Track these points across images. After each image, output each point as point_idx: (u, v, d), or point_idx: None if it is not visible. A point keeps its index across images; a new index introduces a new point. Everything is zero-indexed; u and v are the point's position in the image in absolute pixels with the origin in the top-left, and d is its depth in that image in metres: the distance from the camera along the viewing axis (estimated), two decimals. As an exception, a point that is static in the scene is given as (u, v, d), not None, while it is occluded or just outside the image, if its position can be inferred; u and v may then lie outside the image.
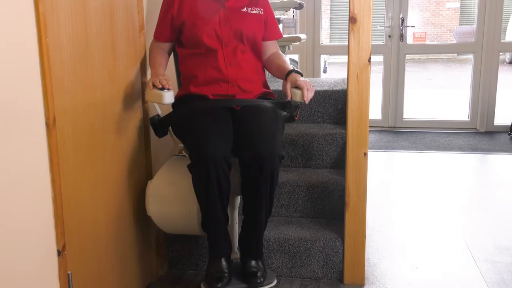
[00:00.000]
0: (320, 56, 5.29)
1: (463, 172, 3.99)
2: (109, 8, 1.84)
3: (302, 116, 2.84)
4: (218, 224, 1.93)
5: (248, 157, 1.85)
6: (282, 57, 2.17)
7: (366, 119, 2.14)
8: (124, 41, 1.98)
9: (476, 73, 5.07)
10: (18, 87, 1.33)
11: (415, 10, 13.95)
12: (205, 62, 2.01)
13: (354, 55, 2.13)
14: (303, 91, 1.91)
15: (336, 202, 2.44)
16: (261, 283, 1.95)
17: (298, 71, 2.02)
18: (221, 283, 1.92)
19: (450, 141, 4.77)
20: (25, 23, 1.36)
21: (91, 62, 1.72)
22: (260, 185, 1.87)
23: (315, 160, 2.66)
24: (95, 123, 1.76)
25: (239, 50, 2.03)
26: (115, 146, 1.93)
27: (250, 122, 1.93)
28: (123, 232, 2.02)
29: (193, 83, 2.03)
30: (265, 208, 1.93)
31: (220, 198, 1.87)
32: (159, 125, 2.01)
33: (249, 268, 1.98)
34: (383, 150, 4.54)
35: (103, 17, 1.80)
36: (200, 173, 1.83)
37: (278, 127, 1.96)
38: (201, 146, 1.81)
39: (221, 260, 1.98)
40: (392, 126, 5.32)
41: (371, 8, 2.09)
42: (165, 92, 1.89)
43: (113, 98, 1.90)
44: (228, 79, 2.00)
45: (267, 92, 2.13)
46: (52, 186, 1.48)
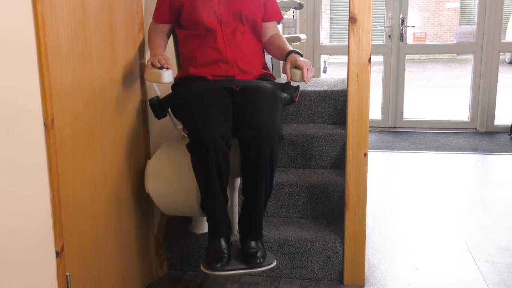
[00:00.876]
0: (320, 56, 5.29)
1: (463, 172, 3.99)
2: (108, 6, 1.84)
3: (301, 117, 2.83)
4: (217, 204, 1.92)
5: (248, 137, 1.84)
6: (282, 39, 2.16)
7: (366, 119, 2.13)
8: (123, 40, 1.97)
9: (476, 73, 5.07)
10: (16, 87, 1.32)
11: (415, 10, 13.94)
12: (204, 43, 2.01)
13: (354, 55, 2.12)
14: (303, 70, 1.91)
15: (336, 202, 2.43)
16: (261, 264, 1.93)
17: (298, 52, 2.02)
18: (220, 263, 1.89)
19: (450, 141, 4.76)
20: (23, 23, 1.35)
21: (90, 61, 1.71)
22: (259, 165, 1.85)
23: (315, 161, 2.65)
24: (94, 123, 1.75)
25: (238, 31, 2.02)
26: (115, 147, 1.92)
27: (250, 102, 1.93)
28: (122, 233, 2.01)
29: (193, 64, 2.03)
30: (264, 188, 1.91)
31: (219, 178, 1.86)
32: (158, 107, 2.01)
33: (249, 249, 1.96)
34: (383, 150, 4.53)
35: (102, 15, 1.79)
36: (199, 153, 1.82)
37: (278, 108, 1.95)
38: (200, 126, 1.80)
39: (221, 240, 1.95)
40: (392, 126, 5.31)
41: (371, 8, 2.08)
42: (164, 71, 1.90)
43: (113, 98, 1.90)
44: (227, 59, 2.00)
45: (266, 74, 2.13)
46: (50, 187, 1.47)
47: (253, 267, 1.93)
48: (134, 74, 2.09)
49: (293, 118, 2.83)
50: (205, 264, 1.93)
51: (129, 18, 2.03)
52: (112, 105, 1.90)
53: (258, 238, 2.00)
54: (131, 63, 2.06)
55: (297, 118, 2.83)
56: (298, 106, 2.81)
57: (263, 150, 1.83)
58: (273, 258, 2.00)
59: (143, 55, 2.16)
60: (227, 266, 1.90)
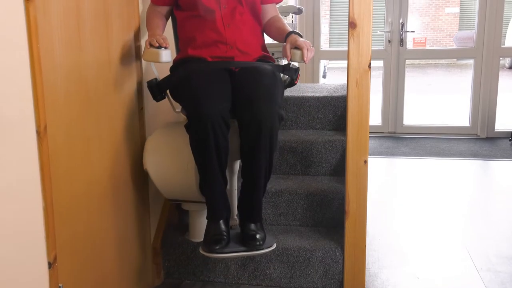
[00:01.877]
0: (319, 61, 5.26)
1: (464, 178, 3.95)
2: (103, 11, 1.80)
3: (301, 123, 2.79)
4: (216, 185, 1.89)
5: (247, 116, 1.81)
6: (281, 20, 2.15)
7: (366, 126, 2.10)
8: (119, 45, 1.94)
9: (477, 79, 5.04)
10: (7, 93, 1.29)
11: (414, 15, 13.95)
12: (203, 24, 1.99)
13: (354, 61, 2.09)
14: (303, 50, 1.90)
15: (336, 210, 2.40)
16: (260, 246, 1.90)
17: (298, 32, 2.00)
18: (219, 245, 1.86)
19: (451, 147, 4.73)
20: (15, 28, 1.31)
21: (85, 66, 1.68)
22: (259, 145, 1.83)
23: (314, 168, 2.61)
24: (90, 130, 1.72)
25: (237, 11, 2.00)
26: (111, 155, 1.88)
27: (249, 81, 1.91)
28: (119, 241, 1.97)
29: (191, 46, 2.01)
30: (264, 170, 1.89)
31: (218, 158, 1.83)
32: (157, 89, 1.98)
33: (248, 231, 1.93)
34: (383, 156, 4.49)
35: (97, 20, 1.76)
36: (198, 132, 1.79)
37: (278, 88, 1.94)
38: (199, 104, 1.77)
39: (219, 222, 1.92)
40: (392, 132, 5.27)
41: (371, 13, 2.05)
42: (162, 50, 1.88)
43: (109, 104, 1.86)
44: (226, 40, 1.98)
45: (266, 56, 2.11)
46: (43, 196, 1.43)
47: (252, 249, 1.90)
48: (131, 79, 2.06)
49: (292, 124, 2.80)
50: (204, 246, 1.90)
51: (125, 21, 2.00)
52: (109, 113, 1.86)
53: (257, 220, 1.97)
54: (128, 70, 2.03)
55: (296, 124, 2.79)
56: (297, 112, 2.78)
57: (262, 129, 1.80)
58: (273, 241, 1.98)
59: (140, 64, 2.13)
60: (226, 248, 1.87)
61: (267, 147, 1.84)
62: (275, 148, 1.89)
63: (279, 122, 1.85)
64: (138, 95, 2.13)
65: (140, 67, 2.14)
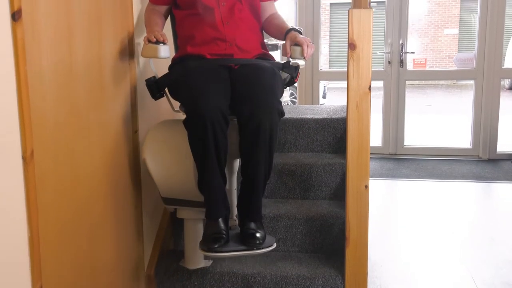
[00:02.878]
0: (319, 82, 5.23)
1: (467, 201, 3.87)
2: (97, 33, 1.76)
3: (300, 145, 2.73)
4: (215, 183, 1.85)
5: (247, 111, 1.79)
6: (281, 18, 2.15)
7: (367, 149, 2.04)
8: (112, 68, 1.89)
9: (478, 100, 5.00)
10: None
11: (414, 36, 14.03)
12: (202, 21, 1.99)
13: (354, 83, 2.04)
14: (303, 47, 1.90)
15: (336, 236, 2.32)
16: (260, 244, 1.86)
17: (298, 29, 2.00)
18: (218, 244, 1.82)
19: (453, 168, 4.66)
20: (1, 50, 1.26)
21: (75, 89, 1.62)
22: (259, 141, 1.80)
23: (313, 191, 2.55)
24: (80, 153, 1.66)
25: (236, 9, 2.00)
26: (101, 181, 1.82)
27: (249, 78, 1.89)
28: (110, 269, 1.89)
29: (190, 43, 2.01)
30: (264, 166, 1.86)
31: (217, 155, 1.80)
32: (155, 87, 1.96)
33: (248, 230, 1.89)
34: (384, 178, 4.42)
35: (90, 42, 1.71)
36: (196, 127, 1.77)
37: (278, 84, 1.92)
38: (198, 99, 1.75)
39: (218, 221, 1.88)
40: (393, 153, 5.21)
41: (371, 34, 2.01)
42: (161, 45, 1.87)
43: (100, 126, 1.80)
44: (225, 38, 1.97)
45: (265, 54, 2.10)
46: (28, 225, 1.36)
47: (252, 248, 1.86)
48: (124, 100, 2.00)
49: (291, 146, 2.74)
50: (203, 245, 1.85)
51: (119, 44, 1.96)
52: (101, 135, 1.80)
53: (257, 219, 1.93)
54: (121, 91, 1.98)
55: (295, 146, 2.73)
56: (296, 135, 2.73)
57: (262, 124, 1.78)
58: (273, 240, 1.93)
59: (134, 82, 2.08)
60: (225, 247, 1.83)
61: (267, 143, 1.81)
62: (275, 144, 1.86)
63: (279, 118, 1.83)
64: (132, 116, 2.08)
65: (135, 89, 2.09)
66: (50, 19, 1.46)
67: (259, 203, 1.93)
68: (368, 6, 2.03)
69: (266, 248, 1.88)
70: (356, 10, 1.98)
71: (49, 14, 1.46)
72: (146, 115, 2.23)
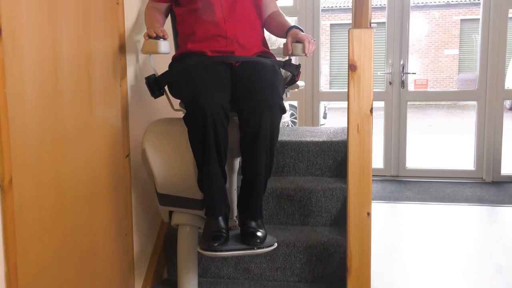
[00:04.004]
0: (319, 103, 5.16)
1: (472, 226, 3.76)
2: (85, 52, 1.68)
3: (299, 169, 2.64)
4: (215, 179, 1.81)
5: (248, 106, 1.77)
6: (282, 15, 2.14)
7: (369, 175, 1.95)
8: (102, 89, 1.81)
9: (480, 121, 4.92)
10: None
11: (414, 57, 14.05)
12: (203, 17, 1.97)
13: (355, 105, 1.96)
14: (304, 43, 1.91)
15: (337, 265, 2.21)
16: (261, 243, 1.82)
17: (299, 27, 1.99)
18: (218, 242, 1.78)
19: (456, 191, 4.55)
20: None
21: (62, 111, 1.53)
22: (259, 135, 1.77)
23: (313, 217, 2.44)
24: (65, 179, 1.56)
25: (238, 5, 1.99)
26: (89, 204, 1.72)
27: (250, 73, 1.87)
28: (96, 303, 1.79)
29: (191, 40, 1.99)
30: (265, 163, 1.82)
31: (217, 150, 1.77)
32: (155, 84, 1.94)
33: (248, 229, 1.85)
34: (386, 201, 4.32)
35: (79, 61, 1.63)
36: (196, 121, 1.73)
37: (279, 81, 1.90)
38: (198, 94, 1.73)
39: (218, 219, 1.85)
40: (394, 175, 5.12)
41: (372, 55, 1.93)
42: (161, 40, 1.86)
43: (89, 150, 1.72)
44: (226, 34, 1.96)
45: (266, 51, 2.09)
46: (5, 259, 1.27)
47: (253, 247, 1.81)
48: (114, 123, 1.92)
49: (290, 170, 2.64)
50: (202, 244, 1.81)
51: (109, 64, 1.88)
52: (89, 160, 1.71)
53: (258, 217, 1.89)
54: (111, 113, 1.89)
55: (295, 170, 2.64)
56: (296, 158, 2.64)
57: (263, 120, 1.75)
58: (274, 240, 1.89)
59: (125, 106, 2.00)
60: (225, 246, 1.79)
61: (268, 139, 1.79)
62: (276, 140, 1.83)
63: (280, 114, 1.81)
64: (124, 140, 1.99)
65: (126, 110, 2.01)
66: (34, 36, 1.39)
67: (260, 201, 1.89)
68: (368, 26, 1.96)
69: (266, 247, 1.83)
70: (357, 30, 1.91)
71: (32, 31, 1.38)
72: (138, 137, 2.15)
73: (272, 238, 1.90)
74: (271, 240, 1.87)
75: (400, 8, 4.97)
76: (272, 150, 1.83)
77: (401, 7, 4.96)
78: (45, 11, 1.44)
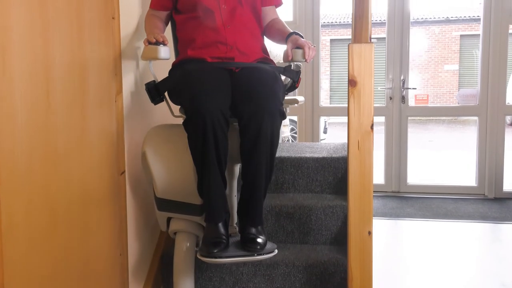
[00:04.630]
0: (319, 118, 5.12)
1: (475, 243, 3.69)
2: (79, 67, 1.65)
3: (299, 185, 2.60)
4: (215, 184, 1.80)
5: (248, 111, 1.76)
6: (282, 22, 2.15)
7: (370, 193, 1.90)
8: (96, 105, 1.77)
9: (482, 137, 4.88)
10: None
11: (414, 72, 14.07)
12: (203, 24, 1.98)
13: (355, 121, 1.92)
14: (304, 49, 1.91)
15: (338, 285, 2.16)
16: (261, 250, 1.79)
17: (299, 33, 2.00)
18: (218, 248, 1.76)
19: (458, 208, 4.49)
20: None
21: (54, 130, 1.49)
22: (259, 140, 1.76)
23: (313, 235, 2.39)
24: (57, 200, 1.52)
25: (237, 12, 2.00)
26: (84, 223, 1.67)
27: (250, 78, 1.87)
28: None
29: (191, 46, 1.99)
30: (265, 168, 1.81)
31: (217, 154, 1.76)
32: (155, 91, 1.94)
33: (248, 235, 1.83)
34: (387, 217, 4.26)
35: (71, 76, 1.60)
36: (196, 126, 1.73)
37: (279, 87, 1.89)
38: (198, 98, 1.72)
39: (218, 225, 1.83)
40: (396, 191, 5.06)
41: (373, 70, 1.90)
42: (161, 46, 1.86)
43: (82, 168, 1.67)
44: (226, 41, 1.96)
45: (266, 58, 2.09)
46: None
47: (253, 253, 1.79)
48: (110, 144, 1.88)
49: (290, 187, 2.60)
50: (201, 250, 1.78)
51: (104, 80, 1.85)
52: (82, 176, 1.67)
53: (258, 223, 1.87)
54: (107, 132, 1.85)
55: (294, 187, 2.59)
56: (295, 174, 2.59)
57: (263, 125, 1.74)
58: (274, 247, 1.86)
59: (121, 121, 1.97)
60: (225, 252, 1.77)
61: (268, 144, 1.78)
62: (276, 145, 1.82)
63: (281, 119, 1.81)
64: (119, 157, 1.95)
65: (122, 126, 1.97)
66: (25, 53, 1.35)
67: (260, 207, 1.87)
68: (368, 40, 1.93)
69: (267, 254, 1.81)
70: (357, 45, 1.88)
71: (24, 48, 1.34)
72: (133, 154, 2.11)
73: (272, 245, 1.88)
74: (271, 246, 1.85)
75: (400, 23, 4.96)
76: (272, 155, 1.82)
77: (401, 23, 4.95)
78: (38, 26, 1.41)
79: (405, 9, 4.94)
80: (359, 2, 2.10)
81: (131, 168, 2.07)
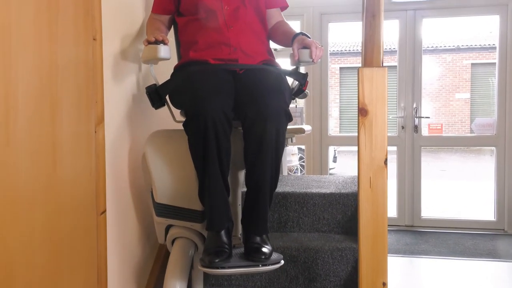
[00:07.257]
0: (328, 147, 4.90)
1: (497, 285, 3.40)
2: (49, 95, 1.44)
3: (304, 224, 2.36)
4: (217, 190, 1.70)
5: (252, 112, 1.68)
6: (287, 24, 2.08)
7: (384, 237, 1.66)
8: (70, 140, 1.55)
9: (500, 168, 4.62)
10: None
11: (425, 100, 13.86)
12: (206, 26, 1.93)
13: (366, 155, 1.70)
14: (311, 48, 1.83)
15: None
16: (266, 260, 1.68)
17: (305, 34, 1.92)
18: (220, 258, 1.65)
19: (477, 244, 4.21)
20: None
21: (14, 170, 1.27)
22: (264, 144, 1.67)
23: (320, 282, 2.14)
24: (16, 257, 1.29)
25: (240, 12, 1.94)
26: (48, 283, 1.44)
27: (254, 79, 1.80)
28: None
29: (193, 48, 1.93)
30: (270, 174, 1.72)
31: (219, 158, 1.67)
32: (156, 94, 1.88)
33: (253, 244, 1.73)
34: (401, 255, 3.98)
35: (38, 108, 1.39)
36: (197, 128, 1.65)
37: (285, 88, 1.81)
38: (199, 99, 1.65)
39: (220, 233, 1.73)
40: (409, 225, 4.79)
41: (386, 98, 1.69)
42: (161, 45, 1.81)
43: (48, 215, 1.45)
44: (230, 42, 1.90)
45: (271, 60, 2.01)
46: None
47: (257, 263, 1.68)
48: (88, 177, 1.66)
49: (294, 226, 2.36)
50: (203, 260, 1.67)
51: (82, 108, 1.64)
52: (50, 226, 1.44)
53: (263, 232, 1.77)
54: (83, 165, 1.64)
55: (299, 226, 2.35)
56: (300, 212, 2.35)
57: (268, 127, 1.66)
58: (281, 257, 1.75)
59: (102, 155, 1.75)
60: (227, 262, 1.66)
61: (273, 147, 1.69)
62: (282, 149, 1.73)
63: (286, 121, 1.73)
64: (98, 195, 1.73)
65: (103, 164, 1.75)
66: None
67: (265, 214, 1.78)
68: (380, 65, 1.72)
69: (272, 265, 1.70)
70: (368, 69, 1.67)
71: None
72: (119, 188, 1.89)
73: (279, 255, 1.75)
74: (277, 257, 1.73)
75: (411, 51, 4.78)
76: (278, 159, 1.73)
77: (413, 51, 4.77)
78: None
79: (417, 37, 4.76)
80: (370, 23, 1.90)
81: (116, 205, 1.85)
